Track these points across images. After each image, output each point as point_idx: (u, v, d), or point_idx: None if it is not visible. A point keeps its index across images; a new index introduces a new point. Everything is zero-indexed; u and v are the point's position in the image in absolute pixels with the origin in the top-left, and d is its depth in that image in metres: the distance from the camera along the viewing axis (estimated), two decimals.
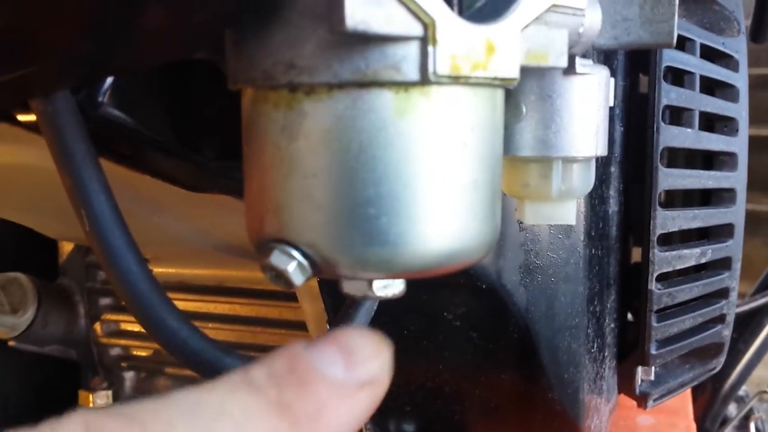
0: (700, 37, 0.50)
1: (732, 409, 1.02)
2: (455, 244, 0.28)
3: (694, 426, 0.82)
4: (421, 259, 0.27)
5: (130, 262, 0.31)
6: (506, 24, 0.27)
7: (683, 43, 0.50)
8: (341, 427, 0.26)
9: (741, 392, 0.99)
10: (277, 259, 0.28)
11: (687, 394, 0.86)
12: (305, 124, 0.26)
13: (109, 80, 0.34)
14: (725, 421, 0.99)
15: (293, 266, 0.27)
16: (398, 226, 0.27)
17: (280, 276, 0.28)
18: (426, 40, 0.25)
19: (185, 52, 0.29)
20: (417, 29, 0.25)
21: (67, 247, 0.78)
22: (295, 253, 0.28)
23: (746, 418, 1.03)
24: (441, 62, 0.25)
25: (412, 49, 0.25)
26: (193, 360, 0.33)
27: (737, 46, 0.53)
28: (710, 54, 0.52)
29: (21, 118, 0.35)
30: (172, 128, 0.37)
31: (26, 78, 0.30)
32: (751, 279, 0.95)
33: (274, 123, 0.27)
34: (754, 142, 0.58)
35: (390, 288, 0.29)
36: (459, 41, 0.26)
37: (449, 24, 0.25)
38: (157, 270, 0.68)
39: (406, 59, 0.25)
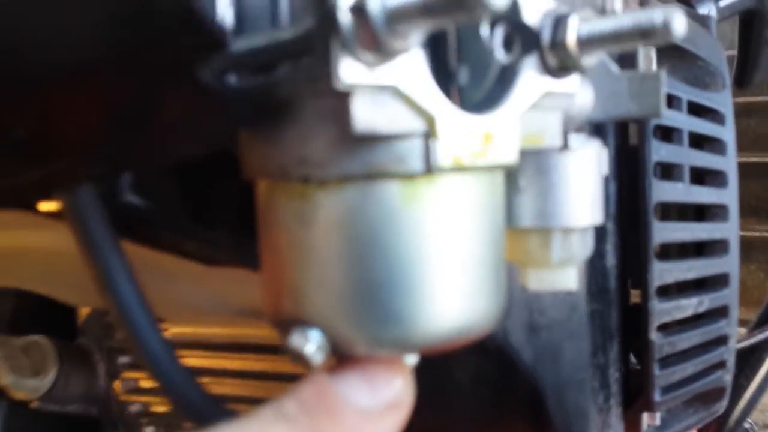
0: (687, 93, 0.52)
1: None
2: (464, 320, 0.29)
3: None
4: (432, 336, 0.29)
5: (154, 343, 0.33)
6: (503, 113, 0.29)
7: (671, 100, 0.52)
8: None
9: (746, 424, 0.99)
10: (296, 341, 0.29)
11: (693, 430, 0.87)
12: (318, 213, 0.28)
13: None
14: None
15: (312, 348, 0.29)
16: (409, 306, 0.28)
17: (300, 357, 0.29)
18: (428, 135, 0.27)
19: (200, 150, 0.31)
20: (419, 126, 0.27)
21: (85, 309, 0.79)
22: (314, 334, 0.29)
23: None
24: (442, 154, 0.27)
25: (416, 144, 0.27)
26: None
27: (723, 100, 0.55)
28: (697, 109, 0.54)
29: (42, 206, 0.37)
30: (188, 210, 0.38)
31: (49, 177, 0.31)
32: (746, 304, 0.96)
33: (288, 212, 0.29)
34: (742, 169, 0.59)
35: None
36: (459, 134, 0.27)
37: (449, 119, 0.27)
38: (174, 330, 0.70)
39: (411, 153, 0.27)
